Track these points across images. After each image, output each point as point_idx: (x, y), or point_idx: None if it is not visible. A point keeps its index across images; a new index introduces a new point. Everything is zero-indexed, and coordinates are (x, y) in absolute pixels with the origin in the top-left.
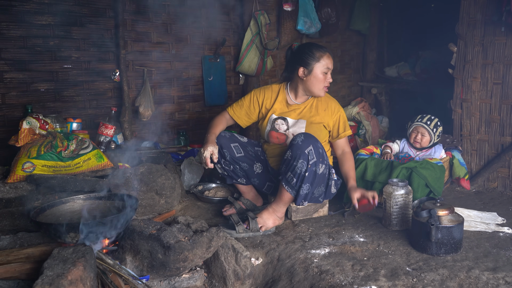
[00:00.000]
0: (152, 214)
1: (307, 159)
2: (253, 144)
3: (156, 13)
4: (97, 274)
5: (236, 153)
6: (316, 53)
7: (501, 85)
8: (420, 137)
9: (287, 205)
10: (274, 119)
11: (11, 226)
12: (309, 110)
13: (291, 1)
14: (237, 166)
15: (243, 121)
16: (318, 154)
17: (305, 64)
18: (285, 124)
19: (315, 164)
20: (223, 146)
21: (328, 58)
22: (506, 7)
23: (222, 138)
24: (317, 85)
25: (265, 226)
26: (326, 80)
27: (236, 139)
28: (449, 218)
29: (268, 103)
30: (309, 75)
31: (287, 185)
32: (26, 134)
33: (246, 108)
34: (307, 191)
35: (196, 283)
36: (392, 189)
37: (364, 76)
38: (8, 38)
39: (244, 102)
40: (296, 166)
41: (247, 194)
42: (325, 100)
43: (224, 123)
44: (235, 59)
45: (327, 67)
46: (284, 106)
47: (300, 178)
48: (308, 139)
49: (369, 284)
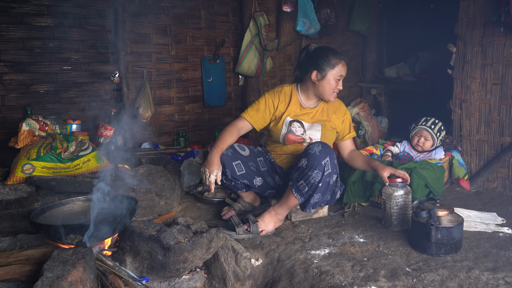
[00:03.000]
0: (152, 215)
1: (323, 170)
2: (255, 155)
3: (156, 15)
4: (97, 275)
5: (238, 171)
6: (332, 59)
7: (500, 86)
8: (423, 140)
9: (290, 209)
10: (290, 122)
11: (11, 228)
12: (321, 114)
13: (290, 2)
14: (238, 181)
15: (259, 125)
16: (333, 165)
17: (319, 69)
18: (302, 127)
19: (329, 175)
20: (225, 165)
21: (343, 66)
22: (505, 8)
23: (225, 156)
24: (328, 91)
25: (266, 230)
26: (337, 87)
27: (238, 155)
28: (449, 219)
29: (282, 106)
30: (321, 80)
31: (297, 192)
32: (25, 136)
33: (262, 112)
34: (317, 200)
35: (196, 284)
36: (392, 190)
37: (364, 76)
38: (8, 40)
39: (260, 106)
40: (311, 176)
41: (246, 197)
42: (333, 103)
43: (236, 134)
44: (235, 60)
45: (340, 74)
46: (298, 109)
47: (312, 188)
48: (325, 150)
49: (369, 284)
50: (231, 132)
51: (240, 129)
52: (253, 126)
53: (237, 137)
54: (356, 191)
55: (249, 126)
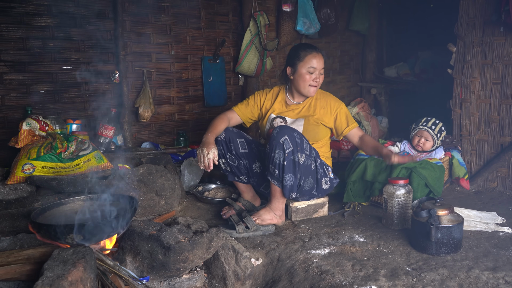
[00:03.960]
0: (152, 215)
1: (283, 148)
2: (258, 143)
3: (156, 14)
4: (97, 275)
5: (241, 148)
6: (300, 52)
7: (500, 85)
8: (423, 141)
9: (280, 200)
10: (272, 118)
11: (11, 228)
12: (308, 109)
13: (290, 2)
14: (241, 161)
15: (246, 118)
16: (294, 143)
17: (291, 64)
18: (283, 123)
19: (292, 152)
20: (230, 139)
21: (314, 58)
22: (505, 7)
23: (230, 132)
24: (302, 84)
25: (260, 218)
26: (312, 79)
27: (243, 135)
28: (449, 218)
29: (268, 104)
30: (294, 74)
31: (272, 178)
32: (26, 136)
33: (251, 107)
34: (291, 181)
35: (196, 283)
36: (394, 189)
37: (364, 76)
38: (8, 39)
39: (249, 102)
40: (274, 157)
41: (246, 194)
42: (324, 98)
43: (226, 123)
44: (235, 60)
45: (311, 66)
46: (283, 106)
47: (280, 168)
48: (282, 130)
49: (369, 284)
50: (222, 120)
51: (230, 119)
52: (241, 119)
53: (227, 126)
54: (356, 191)
55: (238, 119)
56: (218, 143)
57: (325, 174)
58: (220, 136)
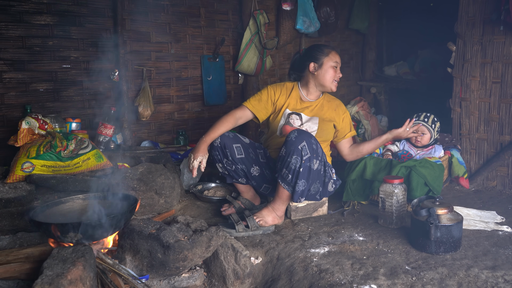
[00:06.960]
0: (152, 213)
1: (301, 154)
2: (255, 146)
3: (155, 13)
4: (96, 273)
5: (237, 154)
6: (325, 49)
7: (500, 84)
8: (420, 135)
9: (285, 203)
10: (288, 114)
11: (11, 226)
12: (321, 108)
13: (290, 1)
14: (238, 166)
15: (261, 114)
16: (312, 149)
17: (315, 59)
18: (299, 120)
19: (309, 159)
20: (226, 145)
21: (337, 54)
22: (504, 6)
23: (226, 138)
24: (328, 78)
25: (263, 220)
26: (336, 74)
27: (239, 140)
28: (448, 217)
29: (283, 99)
30: (319, 69)
31: (283, 182)
32: (25, 134)
33: (264, 102)
34: (303, 187)
35: (195, 282)
36: (393, 188)
37: (363, 75)
38: (7, 38)
39: (262, 97)
40: (290, 162)
41: (246, 193)
42: (333, 101)
43: (232, 123)
44: (234, 59)
45: (335, 61)
46: (298, 103)
47: (295, 174)
48: (301, 135)
49: (368, 283)
50: (226, 121)
51: (238, 119)
52: (255, 115)
53: (233, 126)
54: (355, 190)
55: (250, 116)
56: (214, 149)
57: (331, 177)
58: (215, 141)
